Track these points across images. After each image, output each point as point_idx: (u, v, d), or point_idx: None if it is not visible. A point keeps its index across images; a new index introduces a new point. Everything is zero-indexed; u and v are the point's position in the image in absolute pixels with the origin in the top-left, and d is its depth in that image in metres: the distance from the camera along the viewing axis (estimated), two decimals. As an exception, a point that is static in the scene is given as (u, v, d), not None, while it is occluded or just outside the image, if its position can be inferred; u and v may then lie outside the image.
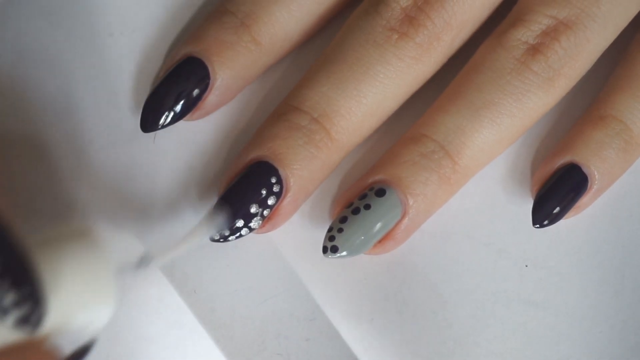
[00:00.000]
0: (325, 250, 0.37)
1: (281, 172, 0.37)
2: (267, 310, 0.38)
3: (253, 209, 0.37)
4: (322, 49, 0.39)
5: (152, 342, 0.38)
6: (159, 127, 0.38)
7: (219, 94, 0.38)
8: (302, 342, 0.38)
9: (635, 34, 0.39)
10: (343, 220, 0.37)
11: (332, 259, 0.37)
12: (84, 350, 0.30)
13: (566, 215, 0.38)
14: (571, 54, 0.37)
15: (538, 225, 0.38)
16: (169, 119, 0.38)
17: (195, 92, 0.38)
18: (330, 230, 0.37)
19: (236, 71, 0.38)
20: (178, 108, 0.38)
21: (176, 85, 0.38)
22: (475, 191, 0.40)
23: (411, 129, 0.38)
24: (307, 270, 0.39)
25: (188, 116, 0.38)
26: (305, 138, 0.37)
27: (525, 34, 0.37)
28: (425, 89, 0.39)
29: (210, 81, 0.38)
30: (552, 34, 0.37)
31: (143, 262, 0.32)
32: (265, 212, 0.37)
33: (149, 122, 0.38)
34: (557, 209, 0.38)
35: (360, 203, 0.37)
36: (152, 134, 0.39)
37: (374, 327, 0.39)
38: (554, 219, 0.38)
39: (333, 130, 0.37)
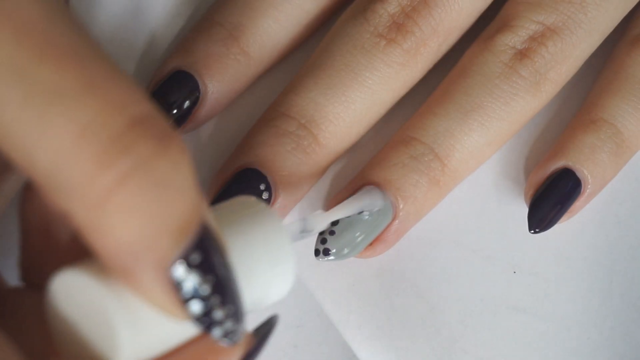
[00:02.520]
0: (317, 253, 0.37)
1: (269, 178, 0.37)
2: (254, 317, 0.38)
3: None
4: (310, 54, 0.39)
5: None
6: None
7: (209, 107, 0.39)
8: (290, 349, 0.38)
9: (620, 37, 0.40)
10: (334, 222, 0.37)
11: (323, 261, 0.37)
12: (271, 325, 0.30)
13: (560, 220, 0.38)
14: (557, 59, 0.37)
15: (534, 231, 0.38)
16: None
17: (186, 105, 0.38)
18: (321, 233, 0.37)
19: (226, 83, 0.38)
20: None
21: (166, 99, 0.38)
22: (464, 197, 0.40)
23: (400, 132, 0.38)
24: (295, 276, 0.39)
25: (179, 130, 0.38)
26: (293, 144, 0.37)
27: (513, 39, 0.37)
28: (413, 93, 0.39)
29: (201, 94, 0.38)
30: (539, 39, 0.37)
31: (306, 229, 0.32)
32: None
33: None
34: (552, 213, 0.38)
35: None
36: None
37: (362, 333, 0.38)
38: (549, 223, 0.38)
39: (321, 136, 0.37)
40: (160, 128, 0.23)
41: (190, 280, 0.24)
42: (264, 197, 0.37)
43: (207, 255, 0.24)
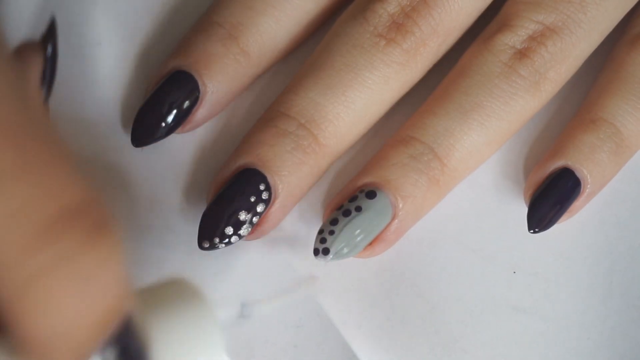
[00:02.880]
0: (316, 252, 0.37)
1: (269, 178, 0.37)
2: (254, 317, 0.38)
3: (242, 216, 0.37)
4: (310, 54, 0.39)
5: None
6: (150, 142, 0.38)
7: (209, 107, 0.39)
8: (290, 349, 0.38)
9: (620, 37, 0.40)
10: (334, 222, 0.37)
11: (322, 261, 0.37)
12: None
13: (560, 220, 0.38)
14: (557, 59, 0.37)
15: (533, 230, 0.38)
16: (159, 134, 0.38)
17: (185, 105, 0.38)
18: (321, 232, 0.37)
19: (225, 83, 0.38)
20: (168, 123, 0.38)
21: (166, 100, 0.38)
22: (464, 197, 0.40)
23: (400, 131, 0.38)
24: (295, 276, 0.39)
25: (178, 130, 0.38)
26: (293, 144, 0.37)
27: (513, 38, 0.37)
28: (413, 92, 0.39)
29: (200, 95, 0.38)
30: (538, 38, 0.37)
31: (244, 312, 0.32)
32: (254, 219, 0.37)
33: (139, 138, 0.38)
34: (552, 213, 0.38)
35: (350, 205, 0.37)
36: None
37: (362, 333, 0.38)
38: (549, 223, 0.38)
39: (321, 136, 0.37)
40: (93, 221, 0.23)
41: None
42: (263, 197, 0.37)
43: (124, 350, 0.24)
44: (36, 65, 0.32)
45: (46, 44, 0.33)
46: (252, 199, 0.37)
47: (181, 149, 0.40)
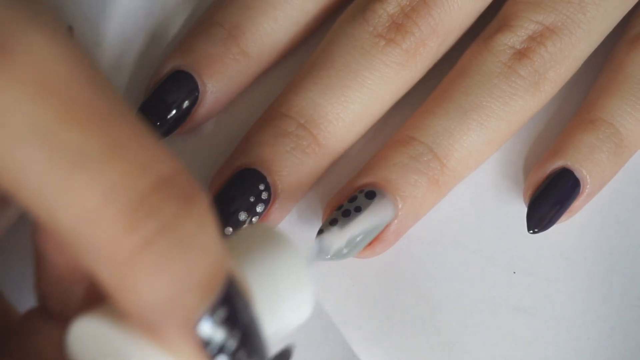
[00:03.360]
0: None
1: (269, 178, 0.37)
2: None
3: (242, 217, 0.37)
4: (310, 54, 0.39)
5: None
6: None
7: (209, 107, 0.39)
8: (290, 349, 0.38)
9: (619, 37, 0.40)
10: (333, 222, 0.37)
11: (322, 261, 0.37)
12: (288, 353, 0.30)
13: (559, 220, 0.38)
14: (557, 59, 0.37)
15: (533, 231, 0.38)
16: (158, 135, 0.38)
17: (185, 105, 0.38)
18: (320, 232, 0.37)
19: (225, 83, 0.38)
20: (168, 123, 0.38)
21: (165, 99, 0.38)
22: (464, 198, 0.40)
23: (399, 132, 0.38)
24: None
25: (178, 130, 0.38)
26: (293, 144, 0.37)
27: (512, 38, 0.37)
28: (412, 93, 0.39)
29: (200, 94, 0.38)
30: (538, 38, 0.37)
31: (323, 250, 0.32)
32: (254, 219, 0.37)
33: None
34: (551, 213, 0.38)
35: (350, 205, 0.37)
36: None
37: (362, 333, 0.38)
38: (548, 224, 0.38)
39: (320, 136, 0.37)
40: (184, 188, 0.23)
41: (217, 337, 0.24)
42: (263, 197, 0.37)
43: (232, 310, 0.24)
44: None
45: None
46: (252, 199, 0.37)
47: (181, 149, 0.40)
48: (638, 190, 0.40)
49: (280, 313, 0.27)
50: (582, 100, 0.40)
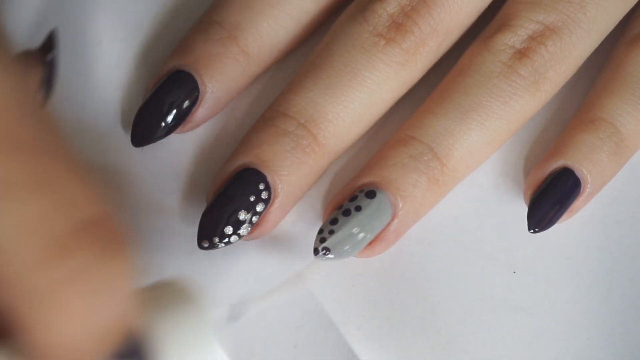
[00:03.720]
0: (316, 252, 0.36)
1: (269, 178, 0.37)
2: (254, 317, 0.38)
3: (241, 216, 0.37)
4: (310, 54, 0.39)
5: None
6: (150, 142, 0.38)
7: (209, 107, 0.39)
8: (290, 349, 0.38)
9: (620, 37, 0.40)
10: (334, 221, 0.37)
11: (322, 261, 0.37)
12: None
13: (560, 219, 0.38)
14: (557, 59, 0.37)
15: (533, 230, 0.38)
16: (159, 134, 0.38)
17: (185, 105, 0.38)
18: (321, 232, 0.37)
19: (225, 83, 0.38)
20: (168, 123, 0.38)
21: (165, 99, 0.38)
22: (464, 197, 0.40)
23: (399, 131, 0.38)
24: (286, 291, 0.39)
25: (178, 129, 0.38)
26: (293, 144, 0.37)
27: (512, 38, 0.37)
28: (413, 92, 0.39)
29: (200, 94, 0.38)
30: (538, 38, 0.37)
31: (234, 314, 0.32)
32: (254, 219, 0.37)
33: (139, 138, 0.38)
34: (552, 212, 0.38)
35: (350, 205, 0.37)
36: (140, 143, 0.39)
37: (362, 333, 0.38)
38: (548, 223, 0.38)
39: (320, 136, 0.37)
40: (105, 236, 0.23)
41: None
42: (263, 197, 0.37)
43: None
44: (35, 74, 0.32)
45: (46, 53, 0.33)
46: (252, 199, 0.37)
47: (181, 148, 0.40)
48: (638, 190, 0.40)
49: None
50: (582, 100, 0.40)
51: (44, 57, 0.33)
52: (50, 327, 0.23)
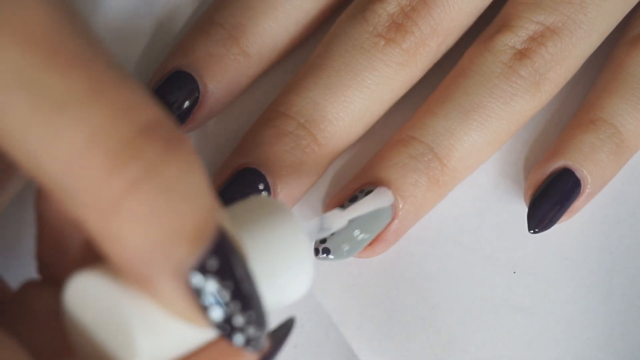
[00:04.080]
0: (316, 252, 0.36)
1: (268, 178, 0.37)
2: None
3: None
4: (310, 54, 0.39)
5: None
6: None
7: (209, 107, 0.39)
8: (291, 349, 0.38)
9: (620, 37, 0.40)
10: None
11: (323, 261, 0.37)
12: (288, 327, 0.30)
13: (560, 220, 0.38)
14: (557, 59, 0.37)
15: (534, 230, 0.38)
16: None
17: (185, 106, 0.38)
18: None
19: (226, 84, 0.38)
20: None
21: (166, 100, 0.38)
22: (464, 197, 0.40)
23: (400, 132, 0.38)
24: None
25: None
26: (292, 144, 0.37)
27: (513, 39, 0.37)
28: (413, 92, 0.39)
29: (200, 95, 0.38)
30: (538, 39, 0.37)
31: (324, 227, 0.32)
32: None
33: None
34: (552, 213, 0.38)
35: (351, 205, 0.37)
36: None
37: (363, 333, 0.38)
38: (549, 223, 0.38)
39: (320, 136, 0.37)
40: (168, 132, 0.23)
41: (209, 287, 0.24)
42: (263, 197, 0.37)
43: (224, 260, 0.24)
44: None
45: None
46: (252, 199, 0.37)
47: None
48: (638, 190, 0.40)
49: (278, 283, 0.27)
50: (582, 100, 0.40)
51: None
52: (137, 233, 0.23)
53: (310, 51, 0.39)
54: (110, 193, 0.22)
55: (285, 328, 0.29)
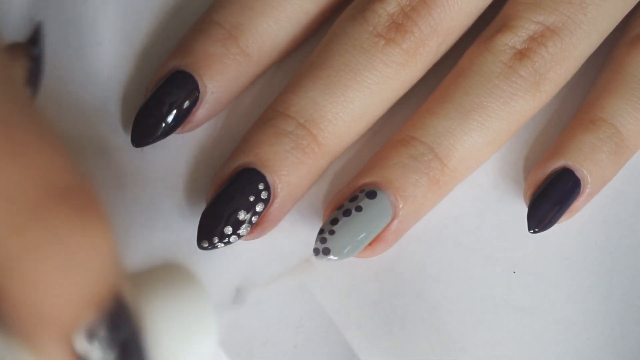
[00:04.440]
0: (317, 252, 0.37)
1: (268, 178, 0.37)
2: (254, 317, 0.38)
3: (241, 216, 0.37)
4: (310, 54, 0.39)
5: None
6: (150, 142, 0.38)
7: (209, 107, 0.39)
8: (290, 349, 0.38)
9: (620, 37, 0.40)
10: (334, 222, 0.37)
11: (323, 261, 0.37)
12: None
13: (560, 220, 0.38)
14: (557, 59, 0.37)
15: (534, 230, 0.38)
16: (159, 134, 0.38)
17: (185, 106, 0.38)
18: (321, 232, 0.37)
19: (225, 84, 0.38)
20: (168, 123, 0.38)
21: (165, 100, 0.38)
22: (464, 197, 0.40)
23: (400, 132, 0.38)
24: (295, 277, 0.39)
25: (178, 130, 0.38)
26: (292, 144, 0.37)
27: (513, 39, 0.37)
28: (413, 92, 0.39)
29: (200, 95, 0.38)
30: (538, 39, 0.37)
31: (239, 297, 0.31)
32: (254, 219, 0.37)
33: (139, 138, 0.38)
34: (552, 213, 0.38)
35: (351, 205, 0.37)
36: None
37: (362, 333, 0.38)
38: (548, 223, 0.38)
39: (320, 136, 0.37)
40: (80, 202, 0.23)
41: (93, 355, 0.24)
42: (262, 197, 0.37)
43: (114, 330, 0.24)
44: (22, 66, 0.32)
45: (32, 45, 0.33)
46: (251, 199, 0.37)
47: (181, 149, 0.40)
48: (638, 190, 0.40)
49: (175, 352, 0.26)
50: (582, 100, 0.40)
51: (30, 49, 0.33)
52: (29, 294, 0.23)
53: (310, 51, 0.39)
54: (11, 251, 0.22)
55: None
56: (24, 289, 0.23)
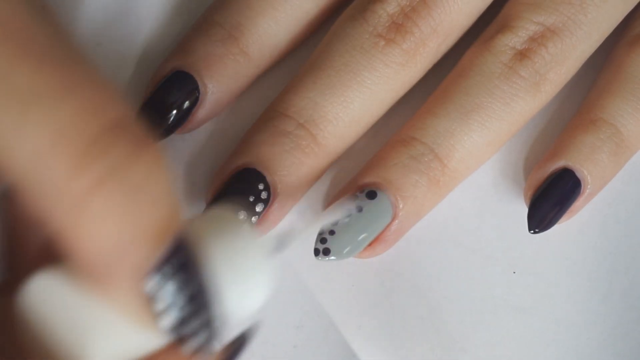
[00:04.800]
0: (317, 252, 0.37)
1: (268, 178, 0.37)
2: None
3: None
4: (310, 55, 0.39)
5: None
6: None
7: (209, 107, 0.39)
8: (290, 349, 0.38)
9: (620, 38, 0.40)
10: (334, 222, 0.37)
11: (323, 261, 0.37)
12: (243, 340, 0.30)
13: (560, 220, 0.38)
14: (557, 60, 0.37)
15: (534, 231, 0.38)
16: (159, 135, 0.38)
17: (185, 106, 0.38)
18: (321, 232, 0.37)
19: (225, 84, 0.38)
20: (168, 123, 0.38)
21: (166, 100, 0.38)
22: (464, 198, 0.40)
23: (400, 132, 0.38)
24: (295, 276, 0.39)
25: (178, 130, 0.38)
26: (292, 144, 0.37)
27: (513, 39, 0.37)
28: (412, 93, 0.39)
29: (200, 95, 0.38)
30: (539, 39, 0.37)
31: (286, 240, 0.32)
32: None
33: None
34: (552, 213, 0.38)
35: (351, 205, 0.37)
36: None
37: (362, 333, 0.38)
38: (549, 224, 0.38)
39: (320, 136, 0.37)
40: (135, 133, 0.23)
41: (164, 291, 0.24)
42: (262, 197, 0.37)
43: (182, 265, 0.24)
44: None
45: None
46: (251, 199, 0.37)
47: (181, 149, 0.40)
48: (638, 190, 0.40)
49: (234, 295, 0.27)
50: (583, 100, 0.40)
51: None
52: (98, 231, 0.23)
53: (310, 51, 0.39)
54: (76, 191, 0.22)
55: (241, 340, 0.29)
56: (95, 227, 0.23)
